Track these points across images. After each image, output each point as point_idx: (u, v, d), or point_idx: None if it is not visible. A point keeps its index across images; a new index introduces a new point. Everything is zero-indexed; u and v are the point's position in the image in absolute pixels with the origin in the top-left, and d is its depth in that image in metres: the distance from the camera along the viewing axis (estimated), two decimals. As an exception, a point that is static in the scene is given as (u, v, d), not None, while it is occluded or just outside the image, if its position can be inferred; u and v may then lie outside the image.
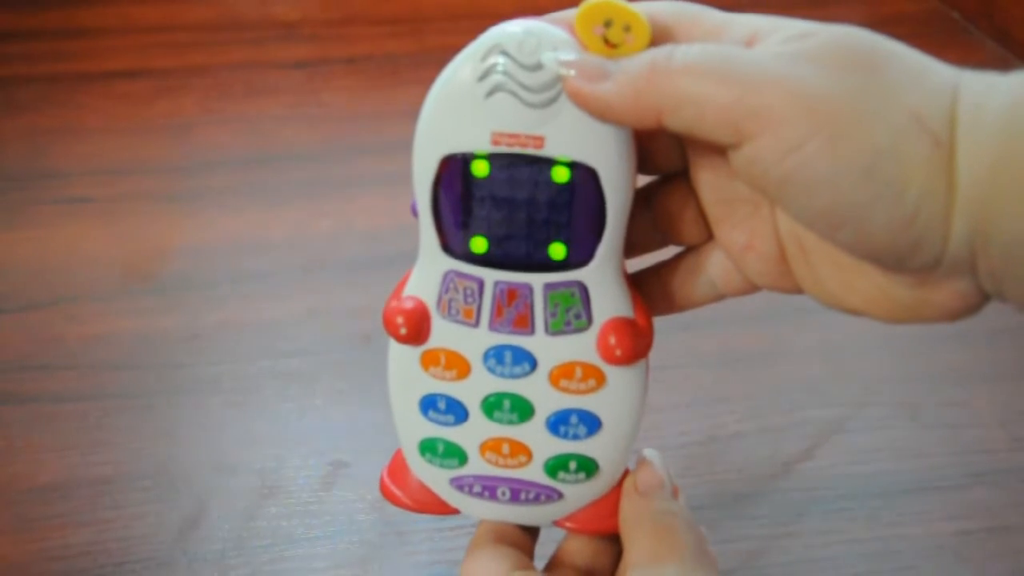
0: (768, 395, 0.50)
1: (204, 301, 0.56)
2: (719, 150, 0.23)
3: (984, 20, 0.83)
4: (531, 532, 0.31)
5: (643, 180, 0.27)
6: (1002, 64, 0.83)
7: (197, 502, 0.45)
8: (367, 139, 0.70)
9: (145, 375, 0.51)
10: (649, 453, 0.29)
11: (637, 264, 0.29)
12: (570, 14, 0.24)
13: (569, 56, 0.23)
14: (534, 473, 0.29)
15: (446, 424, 0.29)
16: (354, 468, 0.46)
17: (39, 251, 0.59)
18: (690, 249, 0.29)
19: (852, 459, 0.47)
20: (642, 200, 0.27)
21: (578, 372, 0.27)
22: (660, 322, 0.28)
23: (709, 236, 0.28)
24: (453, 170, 0.25)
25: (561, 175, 0.25)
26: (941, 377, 0.51)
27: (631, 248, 0.27)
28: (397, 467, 0.31)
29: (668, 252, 0.30)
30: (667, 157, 0.27)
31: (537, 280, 0.26)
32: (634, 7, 0.23)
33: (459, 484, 0.30)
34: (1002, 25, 0.81)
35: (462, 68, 0.24)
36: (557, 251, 0.26)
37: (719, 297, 0.29)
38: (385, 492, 0.31)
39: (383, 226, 0.61)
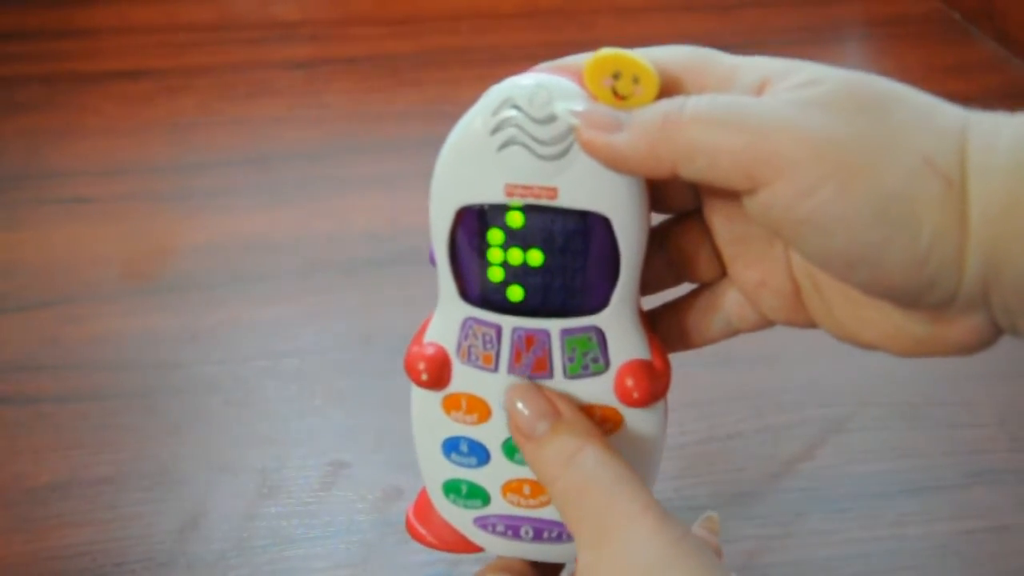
0: (768, 395, 0.50)
1: (204, 301, 0.56)
2: (732, 192, 0.23)
3: (984, 20, 0.83)
4: (552, 571, 0.31)
5: (657, 219, 0.28)
6: (1002, 64, 0.83)
7: (197, 502, 0.45)
8: (367, 139, 0.70)
9: (145, 375, 0.51)
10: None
11: (652, 301, 0.29)
12: (578, 62, 0.25)
13: (581, 107, 0.23)
14: (556, 513, 0.29)
15: (469, 466, 0.29)
16: (354, 468, 0.46)
17: (39, 251, 0.59)
18: (704, 286, 0.29)
19: (852, 459, 0.47)
20: (656, 239, 0.27)
21: (597, 415, 0.27)
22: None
23: (723, 273, 0.28)
24: (469, 221, 0.25)
25: (575, 225, 0.25)
26: (941, 377, 0.51)
27: (645, 286, 0.27)
28: (422, 506, 0.32)
29: (682, 288, 0.30)
30: (680, 197, 0.28)
31: (554, 326, 0.26)
32: (642, 59, 0.23)
33: (483, 524, 0.30)
34: (1002, 25, 0.81)
35: (474, 121, 0.24)
36: (572, 299, 0.26)
37: (734, 333, 0.29)
38: (411, 531, 0.32)
39: (382, 226, 0.61)
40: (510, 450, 0.28)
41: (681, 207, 0.28)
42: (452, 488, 0.30)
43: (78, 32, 0.81)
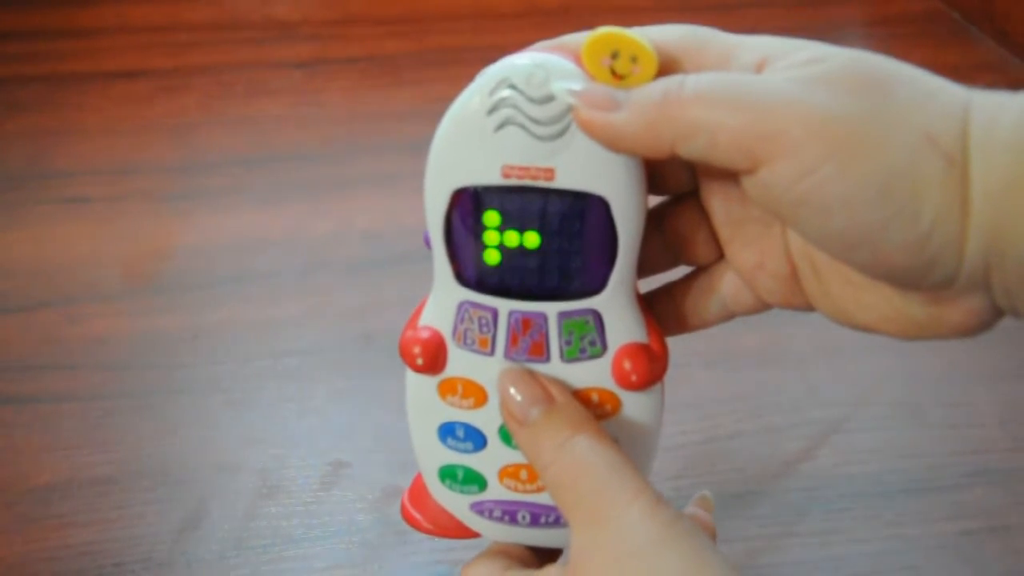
0: (768, 395, 0.50)
1: (204, 301, 0.56)
2: (730, 173, 0.23)
3: (984, 20, 0.83)
4: (550, 557, 0.31)
5: (653, 201, 0.27)
6: (1002, 64, 0.83)
7: (197, 502, 0.45)
8: (367, 139, 0.70)
9: (145, 375, 0.51)
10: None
11: (649, 284, 0.29)
12: (576, 42, 0.24)
13: (579, 87, 0.23)
14: None
15: (465, 451, 0.29)
16: (354, 468, 0.46)
17: (39, 251, 0.59)
18: (701, 269, 0.29)
19: (852, 459, 0.47)
20: (653, 221, 0.27)
21: (594, 398, 0.27)
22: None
23: (720, 256, 0.28)
24: (465, 203, 0.25)
25: (572, 206, 0.25)
26: (941, 377, 0.51)
27: (642, 269, 0.27)
28: (417, 492, 0.31)
29: (679, 271, 0.30)
30: (677, 179, 0.28)
31: (551, 309, 0.26)
32: (641, 38, 0.23)
33: (479, 509, 0.30)
34: (1002, 25, 0.81)
35: (471, 102, 0.24)
36: (569, 281, 0.26)
37: (730, 316, 0.29)
38: (406, 517, 0.32)
39: (383, 226, 0.61)
40: (506, 435, 0.28)
41: (678, 189, 0.28)
42: (448, 474, 0.29)
43: (78, 32, 0.81)
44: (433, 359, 0.27)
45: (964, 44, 0.83)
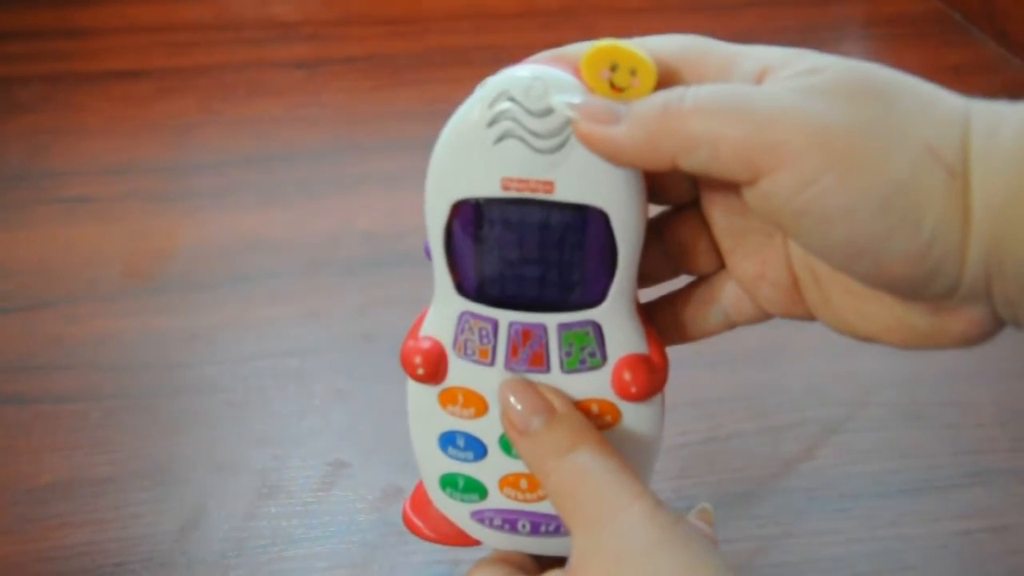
0: (768, 395, 0.50)
1: (204, 301, 0.56)
2: (731, 184, 0.23)
3: (984, 20, 0.83)
4: (551, 563, 0.31)
5: (654, 210, 0.27)
6: (1002, 64, 0.83)
7: (197, 502, 0.45)
8: (367, 139, 0.70)
9: (145, 375, 0.51)
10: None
11: (649, 294, 0.29)
12: (575, 54, 0.24)
13: (578, 100, 0.23)
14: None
15: (465, 460, 0.29)
16: (354, 468, 0.46)
17: (39, 251, 0.59)
18: (702, 279, 0.29)
19: (852, 459, 0.47)
20: (653, 231, 0.27)
21: (594, 409, 0.27)
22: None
23: (721, 265, 0.28)
24: (465, 214, 0.25)
25: (572, 219, 0.25)
26: (941, 377, 0.51)
27: (643, 279, 0.27)
28: (419, 500, 0.32)
29: (680, 281, 0.30)
30: (678, 190, 0.28)
31: (551, 320, 0.26)
32: (639, 50, 0.23)
33: (480, 518, 0.30)
34: (1002, 25, 0.81)
35: (470, 114, 0.24)
36: (569, 293, 0.26)
37: (731, 325, 0.29)
38: (408, 524, 0.32)
39: (383, 226, 0.61)
40: (507, 444, 0.28)
41: (679, 199, 0.28)
42: (449, 482, 0.30)
43: (78, 32, 0.81)
44: (434, 369, 0.27)
45: (964, 44, 0.83)
